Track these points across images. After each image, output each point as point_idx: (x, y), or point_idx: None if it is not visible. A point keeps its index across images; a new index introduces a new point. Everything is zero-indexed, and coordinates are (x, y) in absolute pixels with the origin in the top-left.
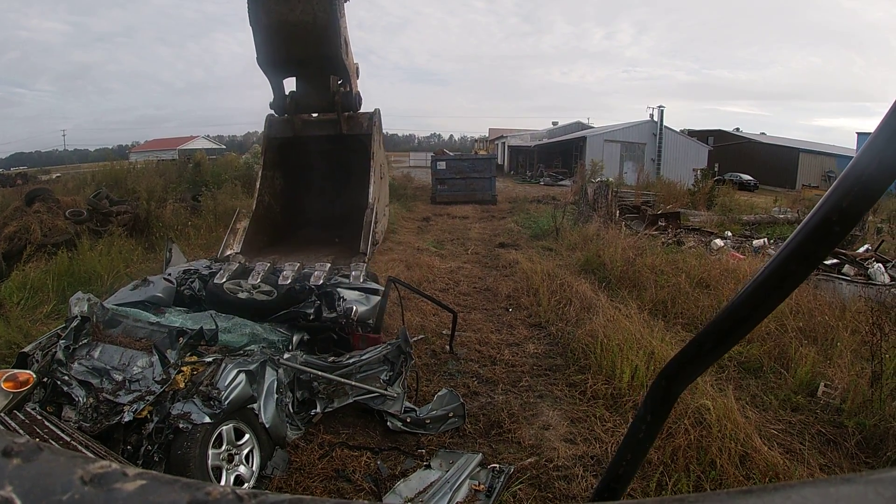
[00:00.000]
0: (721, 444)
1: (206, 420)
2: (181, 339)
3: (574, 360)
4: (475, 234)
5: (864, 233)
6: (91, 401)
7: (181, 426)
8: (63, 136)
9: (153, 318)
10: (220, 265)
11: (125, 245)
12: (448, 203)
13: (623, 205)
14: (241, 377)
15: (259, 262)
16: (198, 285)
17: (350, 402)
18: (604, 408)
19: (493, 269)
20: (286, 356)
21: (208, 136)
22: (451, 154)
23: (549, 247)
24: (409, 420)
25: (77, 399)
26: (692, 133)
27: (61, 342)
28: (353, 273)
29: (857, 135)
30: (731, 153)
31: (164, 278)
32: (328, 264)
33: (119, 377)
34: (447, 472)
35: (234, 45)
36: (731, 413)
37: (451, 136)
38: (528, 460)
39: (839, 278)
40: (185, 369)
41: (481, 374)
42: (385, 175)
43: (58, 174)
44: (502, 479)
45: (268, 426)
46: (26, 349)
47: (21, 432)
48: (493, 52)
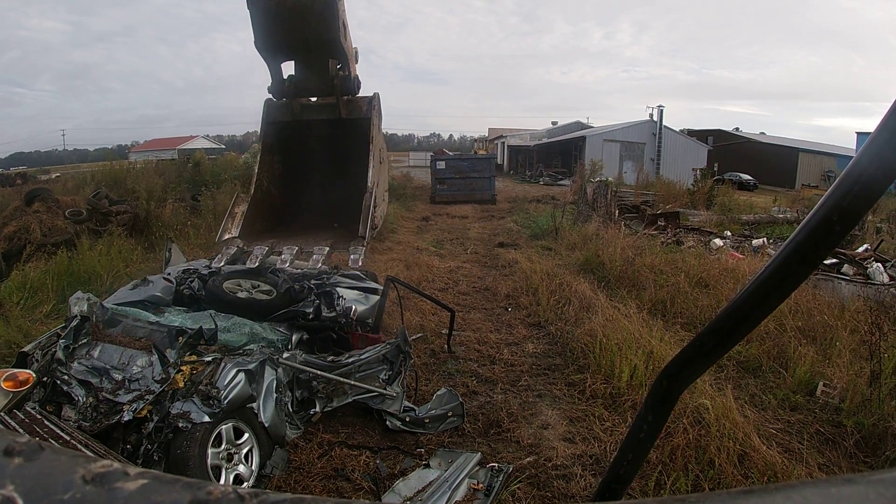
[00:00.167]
0: (720, 443)
1: (206, 419)
2: (181, 338)
3: (573, 360)
4: (474, 233)
5: (864, 232)
6: (91, 400)
7: (181, 425)
8: (63, 135)
9: (153, 318)
10: (218, 254)
11: (125, 245)
12: (447, 203)
13: (622, 204)
14: (241, 376)
15: (257, 246)
16: (197, 285)
17: (349, 401)
18: (602, 407)
19: (492, 268)
20: (285, 355)
21: (208, 135)
22: (450, 154)
23: (548, 246)
24: (408, 419)
25: (77, 398)
26: (692, 133)
27: (61, 341)
28: (353, 256)
29: (857, 134)
30: (730, 153)
31: (164, 278)
32: (327, 248)
33: (119, 376)
34: (446, 471)
35: (234, 44)
36: (730, 412)
37: (451, 135)
38: (527, 459)
39: (838, 278)
40: (184, 368)
41: (480, 373)
42: (384, 159)
43: (57, 174)
44: (501, 478)
45: (267, 425)
46: (26, 348)
47: (21, 431)
48: (492, 52)
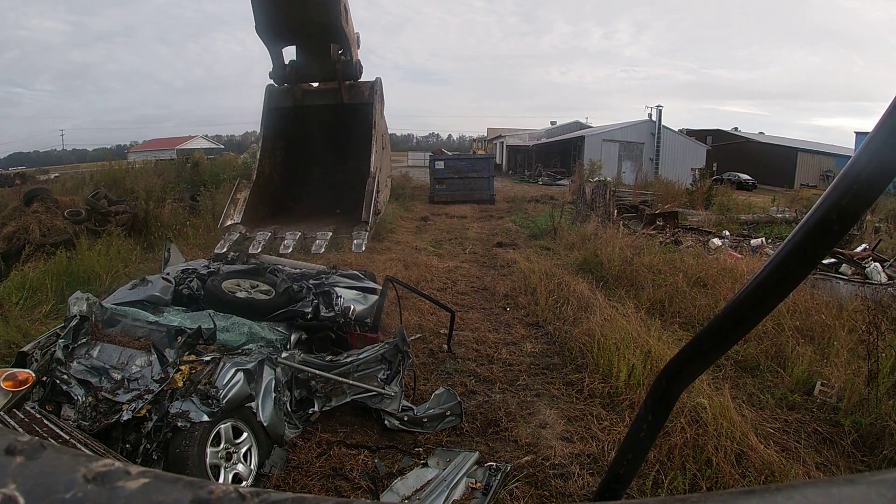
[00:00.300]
0: (717, 442)
1: (205, 418)
2: (179, 338)
3: (571, 359)
4: (473, 233)
5: (862, 232)
6: (90, 399)
7: (179, 424)
8: (61, 135)
9: (152, 318)
10: (220, 240)
11: (123, 245)
12: (446, 203)
13: (621, 204)
14: (239, 376)
15: (260, 232)
16: (196, 285)
17: (348, 400)
18: (600, 406)
19: (490, 268)
20: (284, 355)
21: (207, 135)
22: (449, 154)
23: (546, 246)
24: (406, 419)
25: (76, 398)
26: (690, 132)
27: (60, 341)
28: (356, 241)
29: (856, 134)
30: (729, 153)
31: (163, 278)
32: (330, 233)
33: (118, 376)
34: (444, 470)
35: (234, 44)
36: (728, 411)
37: (450, 135)
38: (525, 458)
39: (836, 277)
40: (183, 368)
41: (479, 372)
42: (387, 145)
43: (56, 174)
44: (499, 477)
45: (266, 425)
46: (25, 348)
47: (21, 431)
48: (492, 52)
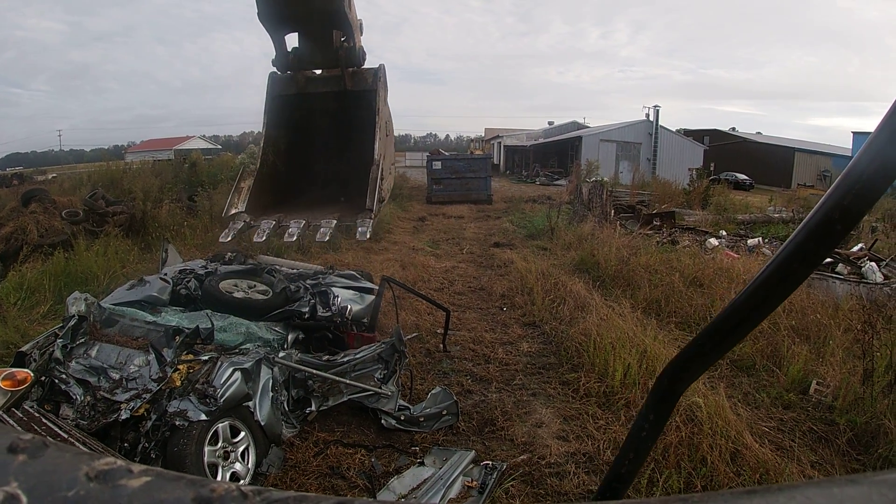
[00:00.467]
0: (712, 440)
1: (202, 417)
2: (177, 337)
3: (567, 359)
4: (470, 233)
5: (859, 231)
6: (88, 399)
7: (177, 423)
8: (59, 136)
9: (150, 318)
10: (226, 227)
11: (121, 245)
12: (444, 203)
13: (618, 204)
14: (237, 375)
15: (264, 220)
16: (194, 285)
17: (345, 400)
18: (596, 405)
19: (487, 268)
20: (281, 355)
21: (204, 136)
22: (446, 154)
23: (543, 246)
24: (403, 418)
25: (75, 397)
26: (688, 132)
27: (59, 341)
28: (360, 229)
29: (853, 134)
30: (726, 152)
31: (161, 278)
32: (334, 221)
33: (116, 375)
34: (440, 469)
35: (232, 44)
36: (723, 410)
37: (448, 135)
38: (521, 457)
39: (833, 277)
40: (181, 367)
41: (475, 372)
42: (391, 132)
43: (54, 174)
44: (495, 476)
45: (263, 424)
46: (24, 348)
47: (20, 430)
48: (490, 52)
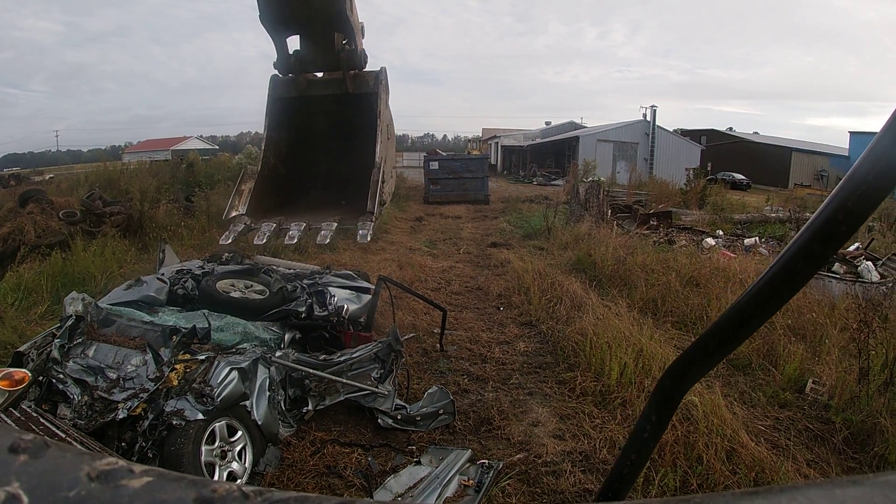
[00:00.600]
0: (708, 439)
1: (199, 417)
2: (174, 337)
3: (564, 358)
4: (467, 233)
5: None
6: (86, 398)
7: (174, 423)
8: (56, 136)
9: (147, 318)
10: (226, 229)
11: (118, 246)
12: (441, 203)
13: (615, 204)
14: (234, 375)
15: (265, 223)
16: (191, 285)
17: (341, 399)
18: (592, 404)
19: (484, 268)
20: (278, 354)
21: (201, 136)
22: (443, 154)
23: (540, 246)
24: (399, 417)
25: (72, 397)
26: (685, 132)
27: (56, 341)
28: (361, 232)
29: (850, 134)
30: (723, 152)
31: (158, 278)
32: (335, 224)
33: (113, 375)
34: (437, 468)
35: (229, 44)
36: (719, 409)
37: (445, 135)
38: (517, 456)
39: (829, 276)
40: (178, 367)
41: (472, 371)
42: (392, 135)
43: (51, 175)
44: (491, 475)
45: (260, 423)
46: (22, 348)
47: (21, 430)
48: (487, 52)
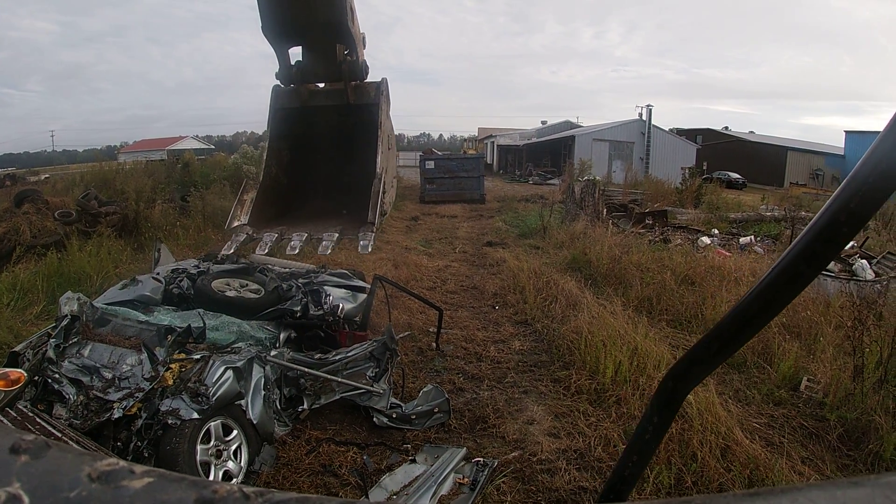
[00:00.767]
0: (703, 437)
1: (195, 416)
2: (169, 336)
3: (559, 357)
4: (463, 232)
5: None
6: (81, 398)
7: (170, 422)
8: (52, 136)
9: (142, 317)
10: (228, 240)
11: (114, 245)
12: (437, 202)
13: (610, 203)
14: (229, 374)
15: (267, 233)
16: (186, 284)
17: (337, 398)
18: (587, 403)
19: (480, 267)
20: (273, 353)
21: (197, 136)
22: (439, 153)
23: (536, 245)
24: (394, 416)
25: (68, 397)
26: (681, 132)
27: (52, 341)
28: (362, 243)
29: (846, 133)
30: (719, 151)
31: (153, 277)
32: (336, 234)
33: (109, 375)
34: (432, 466)
35: (226, 44)
36: (713, 407)
37: (441, 135)
38: (513, 454)
39: (824, 274)
40: (173, 366)
41: (467, 370)
42: (393, 145)
43: (46, 175)
44: (486, 473)
45: (255, 422)
46: (17, 348)
47: (21, 431)
48: (483, 52)
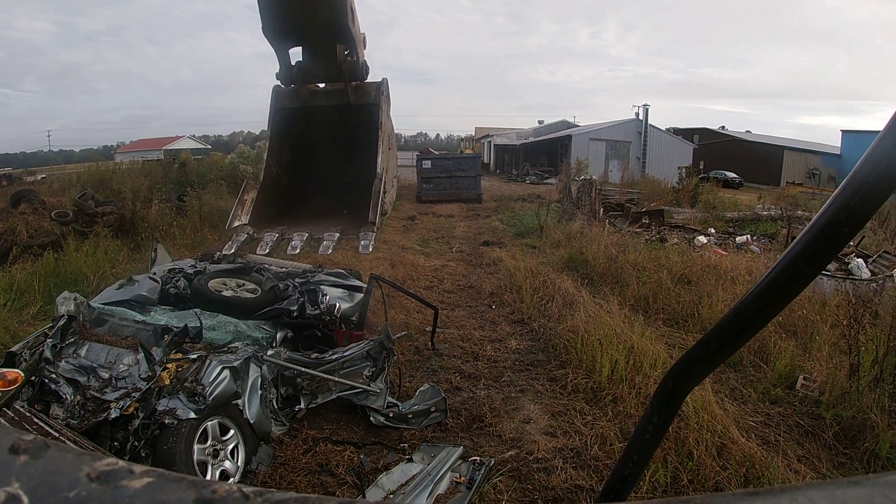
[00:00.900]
0: (698, 435)
1: (192, 415)
2: (166, 336)
3: (555, 356)
4: (460, 232)
5: None
6: (78, 398)
7: (167, 422)
8: (48, 136)
9: (139, 317)
10: (230, 239)
11: (111, 245)
12: (433, 202)
13: (607, 202)
14: (226, 373)
15: (267, 233)
16: (183, 284)
17: (333, 397)
18: (584, 401)
19: (477, 266)
20: (270, 353)
21: (194, 136)
22: (436, 153)
23: (532, 244)
24: (391, 415)
25: (65, 396)
26: (677, 131)
27: (49, 341)
28: (363, 242)
29: (842, 132)
30: (716, 151)
31: (150, 277)
32: (337, 234)
33: (106, 375)
34: (429, 465)
35: (223, 44)
36: (709, 405)
37: (438, 134)
38: (509, 453)
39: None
40: (170, 366)
41: (464, 369)
42: (393, 145)
43: (43, 175)
44: (483, 472)
45: (252, 422)
46: (14, 348)
47: (20, 431)
48: (480, 51)
